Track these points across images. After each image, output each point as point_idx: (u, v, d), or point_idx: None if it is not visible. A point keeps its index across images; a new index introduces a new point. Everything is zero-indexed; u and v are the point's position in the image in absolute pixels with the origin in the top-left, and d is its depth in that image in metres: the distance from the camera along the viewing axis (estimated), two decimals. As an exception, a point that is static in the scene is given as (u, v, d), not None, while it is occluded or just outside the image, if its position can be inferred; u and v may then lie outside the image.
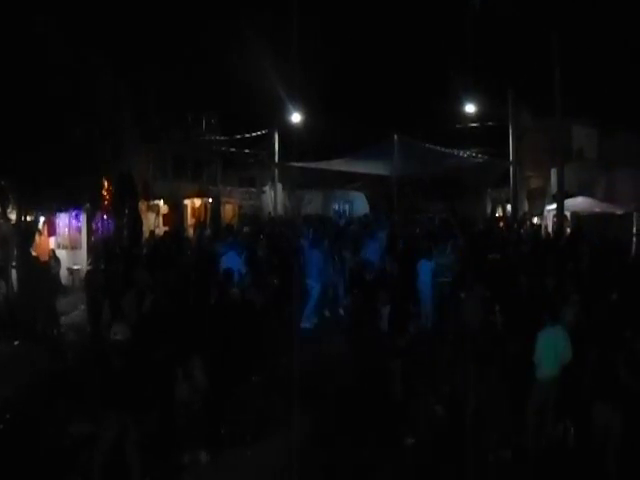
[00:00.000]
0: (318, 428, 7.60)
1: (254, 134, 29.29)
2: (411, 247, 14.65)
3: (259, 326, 9.20)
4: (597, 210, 19.47)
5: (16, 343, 11.51)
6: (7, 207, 12.51)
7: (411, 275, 12.66)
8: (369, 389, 7.96)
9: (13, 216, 12.94)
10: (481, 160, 26.24)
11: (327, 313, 13.50)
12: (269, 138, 29.77)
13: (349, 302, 11.82)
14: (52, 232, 16.59)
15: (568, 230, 17.97)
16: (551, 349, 6.86)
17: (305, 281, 13.02)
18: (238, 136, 28.97)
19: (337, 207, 36.06)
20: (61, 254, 15.48)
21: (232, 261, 12.11)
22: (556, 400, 6.94)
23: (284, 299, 11.52)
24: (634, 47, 19.82)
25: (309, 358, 9.75)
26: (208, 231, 22.06)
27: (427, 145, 26.13)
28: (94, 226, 17.66)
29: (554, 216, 19.42)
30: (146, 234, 19.06)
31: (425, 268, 12.72)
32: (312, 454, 7.00)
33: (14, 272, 13.21)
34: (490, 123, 26.95)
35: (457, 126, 27.50)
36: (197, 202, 26.79)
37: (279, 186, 31.11)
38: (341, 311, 13.18)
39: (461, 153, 26.73)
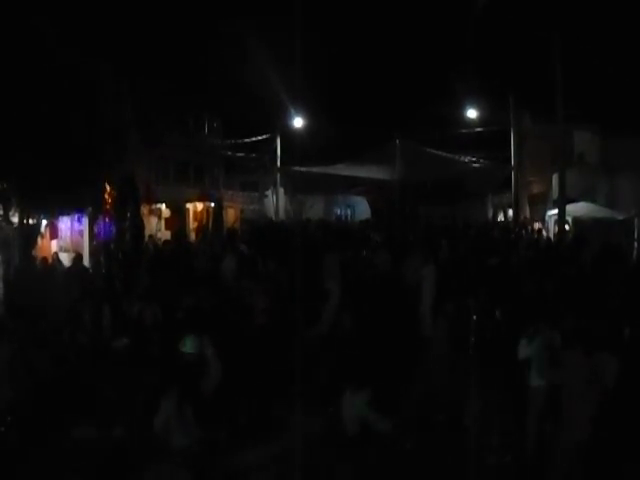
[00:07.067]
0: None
1: (256, 138, 29.34)
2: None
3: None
4: (598, 215, 19.44)
5: (17, 346, 11.52)
6: (9, 210, 12.54)
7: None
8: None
9: (15, 219, 12.98)
10: (483, 165, 26.24)
11: None
12: (271, 142, 29.81)
13: None
14: (54, 235, 16.61)
15: (569, 235, 17.96)
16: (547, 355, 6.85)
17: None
18: (240, 140, 29.03)
19: (339, 211, 36.16)
20: (63, 257, 15.48)
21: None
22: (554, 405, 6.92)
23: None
24: (635, 51, 19.86)
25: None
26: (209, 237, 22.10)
27: (429, 150, 26.21)
28: (96, 230, 17.69)
29: (555, 221, 19.42)
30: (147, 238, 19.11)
31: None
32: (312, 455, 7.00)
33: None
34: (492, 128, 26.97)
35: (459, 131, 27.54)
36: (199, 206, 26.81)
37: (281, 190, 31.15)
38: None
39: (463, 158, 26.76)
